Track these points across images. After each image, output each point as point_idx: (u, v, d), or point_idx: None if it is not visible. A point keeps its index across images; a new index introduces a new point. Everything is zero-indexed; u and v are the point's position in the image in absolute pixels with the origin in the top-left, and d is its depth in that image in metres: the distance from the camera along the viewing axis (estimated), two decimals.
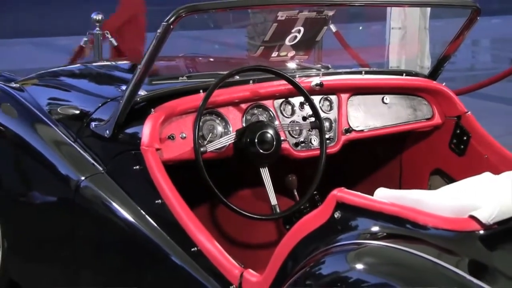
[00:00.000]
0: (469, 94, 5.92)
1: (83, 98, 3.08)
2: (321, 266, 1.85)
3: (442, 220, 1.75)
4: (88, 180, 2.66)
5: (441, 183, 3.08)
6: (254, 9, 6.81)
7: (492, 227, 1.71)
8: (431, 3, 5.06)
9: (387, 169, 3.38)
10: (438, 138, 3.19)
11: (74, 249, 2.77)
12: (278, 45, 2.97)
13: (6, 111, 3.18)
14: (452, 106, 3.15)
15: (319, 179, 2.71)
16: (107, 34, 5.31)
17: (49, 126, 2.98)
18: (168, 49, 2.54)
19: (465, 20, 3.00)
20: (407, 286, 1.65)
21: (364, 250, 1.80)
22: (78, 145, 2.82)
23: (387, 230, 1.82)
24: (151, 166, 2.46)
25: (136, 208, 2.49)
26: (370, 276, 1.74)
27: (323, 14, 2.95)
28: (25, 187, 3.07)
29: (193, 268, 2.28)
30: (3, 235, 3.20)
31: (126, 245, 2.53)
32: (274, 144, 2.66)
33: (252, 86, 2.80)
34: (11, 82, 3.40)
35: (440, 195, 1.84)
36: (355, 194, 1.92)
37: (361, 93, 3.06)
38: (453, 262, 1.66)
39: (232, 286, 2.17)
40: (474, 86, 5.32)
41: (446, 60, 3.23)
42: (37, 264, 3.11)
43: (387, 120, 3.09)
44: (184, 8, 2.38)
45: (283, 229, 3.11)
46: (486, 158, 3.00)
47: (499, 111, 6.43)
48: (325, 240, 1.92)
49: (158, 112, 2.56)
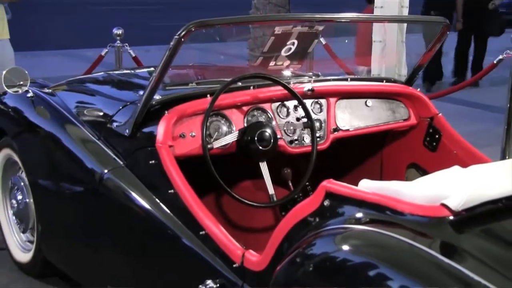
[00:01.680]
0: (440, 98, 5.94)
1: (105, 102, 3.08)
2: (312, 247, 1.84)
3: (417, 208, 1.74)
4: (110, 173, 2.66)
5: (416, 176, 3.08)
6: (254, 25, 6.83)
7: (461, 213, 1.70)
8: (408, 20, 5.06)
9: (370, 163, 3.38)
10: (414, 136, 3.19)
11: (98, 233, 2.76)
12: (275, 55, 2.97)
13: (40, 113, 3.19)
14: (425, 108, 3.15)
15: (311, 172, 2.71)
16: (126, 46, 5.32)
17: (76, 126, 2.98)
18: (180, 59, 2.54)
19: (437, 35, 3.00)
20: (386, 265, 1.64)
21: (349, 234, 1.80)
22: (101, 142, 2.82)
23: (369, 216, 1.82)
24: (165, 161, 2.46)
25: (152, 197, 2.49)
26: (354, 256, 1.74)
27: (314, 29, 2.94)
28: (56, 179, 3.06)
29: (201, 249, 2.28)
30: (38, 220, 3.21)
31: (143, 229, 2.53)
32: (272, 142, 2.65)
33: (253, 91, 2.80)
34: (44, 88, 3.41)
35: (415, 186, 1.84)
36: (342, 185, 1.92)
37: (347, 97, 3.06)
38: (427, 244, 1.65)
39: (235, 264, 2.16)
40: (444, 91, 5.33)
41: (420, 69, 3.24)
42: (65, 245, 3.11)
43: (369, 121, 3.09)
44: (193, 24, 2.38)
45: (279, 215, 3.11)
46: (455, 154, 3.00)
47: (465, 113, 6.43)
48: (315, 225, 1.91)
49: (171, 114, 2.55)
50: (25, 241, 3.49)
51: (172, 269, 2.46)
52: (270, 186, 2.67)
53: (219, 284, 2.17)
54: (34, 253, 3.33)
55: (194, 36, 2.42)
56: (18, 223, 3.50)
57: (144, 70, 3.87)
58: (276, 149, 2.70)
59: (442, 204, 1.71)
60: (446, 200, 1.70)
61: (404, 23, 5.19)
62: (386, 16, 5.05)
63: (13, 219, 3.54)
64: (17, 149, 3.32)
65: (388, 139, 3.29)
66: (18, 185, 3.39)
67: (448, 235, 1.68)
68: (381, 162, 3.35)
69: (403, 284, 1.58)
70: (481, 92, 6.99)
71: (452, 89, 5.45)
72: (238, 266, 2.16)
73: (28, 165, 3.24)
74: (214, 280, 2.17)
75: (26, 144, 3.28)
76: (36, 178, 3.18)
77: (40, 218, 3.20)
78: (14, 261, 3.53)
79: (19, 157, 3.31)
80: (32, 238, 3.39)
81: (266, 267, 2.03)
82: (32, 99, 3.25)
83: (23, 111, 3.28)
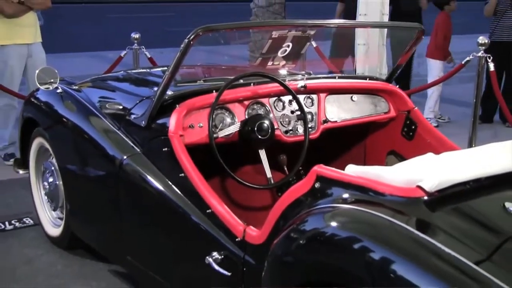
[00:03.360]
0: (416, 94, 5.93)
1: (124, 97, 3.07)
2: (305, 223, 1.83)
3: (396, 189, 1.74)
4: (128, 158, 2.65)
5: (395, 161, 3.07)
6: (254, 30, 6.80)
7: (434, 194, 1.69)
8: (388, 26, 5.05)
9: (355, 150, 3.37)
10: (393, 127, 3.18)
11: (118, 211, 2.76)
12: (272, 56, 2.95)
13: (68, 107, 3.18)
14: (403, 103, 3.14)
15: (303, 158, 2.70)
16: (142, 48, 5.31)
17: (99, 118, 2.97)
18: (189, 60, 2.52)
19: (413, 39, 2.99)
20: (369, 239, 1.64)
21: (337, 212, 1.79)
22: (121, 132, 2.82)
23: (355, 196, 1.81)
24: (176, 148, 2.45)
25: (164, 180, 2.48)
26: (341, 231, 1.74)
27: (306, 33, 2.93)
28: (82, 163, 3.06)
29: (208, 225, 2.27)
30: (66, 200, 3.21)
31: (157, 207, 2.52)
32: (269, 132, 2.64)
33: (253, 88, 2.78)
34: (72, 85, 3.40)
35: (394, 170, 1.83)
36: (331, 169, 1.91)
37: (335, 93, 3.04)
38: (404, 221, 1.65)
39: (238, 238, 2.16)
40: (420, 87, 5.32)
41: (399, 69, 3.23)
42: (90, 221, 3.11)
43: (354, 113, 3.08)
44: (201, 28, 2.37)
45: (276, 196, 3.11)
46: (429, 142, 2.99)
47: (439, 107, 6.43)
48: (307, 204, 1.91)
49: (181, 107, 2.54)
50: (56, 218, 3.50)
51: (182, 242, 2.46)
52: (268, 171, 2.67)
53: (223, 255, 2.17)
54: (63, 228, 3.34)
55: (202, 39, 2.40)
56: (49, 202, 3.50)
57: (158, 69, 3.85)
58: (273, 138, 2.69)
59: (417, 186, 1.70)
60: (421, 182, 1.70)
61: (384, 29, 5.19)
62: (369, 22, 5.04)
63: (45, 198, 3.54)
64: (48, 138, 3.31)
65: (370, 130, 3.28)
66: (49, 169, 3.39)
67: (423, 213, 1.68)
68: (364, 150, 3.34)
69: (384, 255, 1.57)
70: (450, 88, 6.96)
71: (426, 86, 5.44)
72: (240, 240, 2.15)
73: (58, 152, 3.24)
74: (219, 252, 2.18)
75: (56, 134, 3.27)
76: (65, 163, 3.18)
77: (68, 198, 3.20)
78: (46, 235, 3.54)
79: (50, 145, 3.31)
80: (61, 215, 3.39)
81: (265, 241, 2.03)
82: (61, 95, 3.25)
83: (54, 105, 3.27)
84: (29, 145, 3.58)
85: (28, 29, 4.84)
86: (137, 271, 2.76)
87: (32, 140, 3.54)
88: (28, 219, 3.81)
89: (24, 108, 3.63)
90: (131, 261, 2.75)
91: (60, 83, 3.26)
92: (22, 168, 3.74)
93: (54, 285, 3.08)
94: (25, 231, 3.69)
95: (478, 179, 1.78)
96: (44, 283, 3.10)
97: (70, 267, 3.26)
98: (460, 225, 1.65)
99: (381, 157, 3.22)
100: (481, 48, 4.70)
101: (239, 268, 2.12)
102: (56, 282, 3.11)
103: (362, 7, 5.21)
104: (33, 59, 4.89)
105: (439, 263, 1.50)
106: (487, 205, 1.75)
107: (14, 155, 4.73)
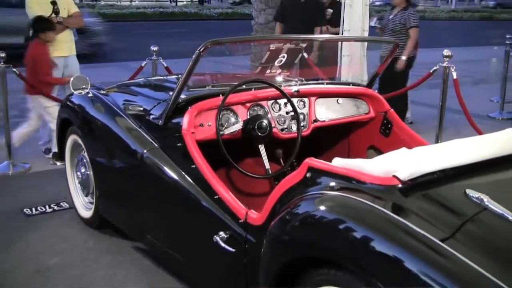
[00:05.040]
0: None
1: (145, 100, 3.05)
2: (298, 207, 1.83)
3: (375, 178, 1.73)
4: (148, 152, 2.64)
5: (374, 155, 3.07)
6: (255, 43, 6.79)
7: (407, 182, 1.69)
8: (367, 40, 5.04)
9: (340, 145, 3.36)
10: (372, 126, 3.17)
11: (139, 197, 2.76)
12: (270, 65, 2.95)
13: (97, 109, 3.17)
14: (381, 105, 3.13)
15: (297, 152, 2.70)
16: (160, 59, 5.31)
17: (123, 118, 2.96)
18: (200, 68, 2.52)
19: (389, 51, 2.98)
20: (352, 220, 1.63)
21: (325, 197, 1.78)
22: (142, 130, 2.81)
23: (340, 184, 1.80)
24: (189, 144, 2.44)
25: (179, 170, 2.48)
26: (328, 214, 1.73)
27: (299, 46, 2.93)
28: (109, 157, 3.05)
29: (215, 209, 2.27)
30: (96, 187, 3.21)
31: (173, 194, 2.51)
32: (268, 129, 2.64)
33: (254, 92, 2.78)
34: (100, 90, 3.39)
35: (374, 162, 1.82)
36: (320, 162, 1.90)
37: (323, 97, 3.04)
38: (382, 205, 1.64)
39: (241, 220, 2.15)
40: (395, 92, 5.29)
41: (377, 76, 3.23)
42: (116, 205, 3.11)
43: (340, 114, 3.07)
44: (210, 42, 2.37)
45: (273, 184, 3.10)
46: (403, 139, 2.99)
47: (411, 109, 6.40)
48: (300, 191, 1.90)
49: (193, 109, 2.54)
50: (87, 202, 3.50)
51: (193, 223, 2.46)
52: (266, 163, 2.67)
53: (228, 234, 2.16)
54: (93, 211, 3.34)
55: (210, 51, 2.40)
56: (82, 189, 3.50)
57: (173, 77, 3.84)
58: (271, 135, 2.69)
59: (393, 175, 1.69)
60: (396, 172, 1.69)
61: (365, 42, 5.18)
62: (352, 37, 5.04)
63: (78, 186, 3.54)
64: (80, 135, 3.31)
65: (353, 128, 3.27)
66: (81, 162, 3.38)
67: (397, 199, 1.67)
68: (348, 145, 3.34)
69: (364, 234, 1.57)
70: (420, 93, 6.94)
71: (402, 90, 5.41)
72: (243, 221, 2.15)
73: (89, 146, 3.23)
74: (225, 232, 2.17)
75: (87, 131, 3.26)
76: (94, 156, 3.17)
77: (97, 185, 3.19)
78: (80, 217, 3.54)
79: (82, 140, 3.30)
80: (92, 200, 3.39)
81: (264, 222, 2.03)
82: (92, 98, 3.24)
83: (85, 107, 3.27)
84: (65, 141, 3.57)
85: (65, 44, 4.86)
86: (155, 247, 2.76)
87: (67, 137, 3.53)
88: (64, 203, 3.81)
89: (61, 110, 3.62)
90: (150, 239, 2.75)
91: (90, 88, 3.26)
92: (59, 161, 3.79)
93: (87, 259, 3.08)
94: (62, 213, 3.69)
95: (444, 170, 1.77)
96: (79, 257, 3.10)
97: (99, 244, 3.26)
98: (429, 209, 1.65)
99: (362, 151, 3.22)
100: (446, 59, 4.69)
101: (242, 245, 2.12)
102: (88, 256, 3.11)
103: (346, 23, 5.22)
104: (69, 69, 4.89)
105: (410, 240, 1.49)
106: (451, 192, 1.75)
107: (52, 149, 4.73)
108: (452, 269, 1.39)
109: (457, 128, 5.75)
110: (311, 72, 4.82)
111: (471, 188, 1.68)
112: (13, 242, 3.26)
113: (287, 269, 1.82)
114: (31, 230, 3.42)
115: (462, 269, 1.39)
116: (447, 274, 1.38)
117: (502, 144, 1.96)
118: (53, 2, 4.68)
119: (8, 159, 4.53)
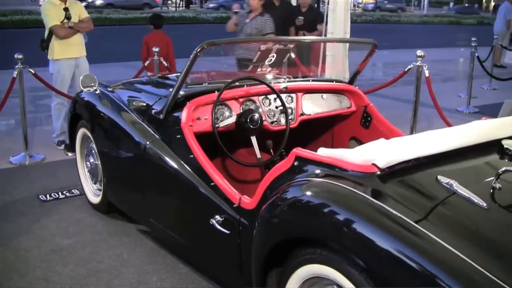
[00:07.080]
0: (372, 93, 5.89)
1: (147, 96, 3.02)
2: (286, 193, 1.81)
3: (356, 166, 1.72)
4: (150, 143, 2.62)
5: (355, 145, 3.06)
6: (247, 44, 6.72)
7: (385, 170, 1.68)
8: (349, 41, 5.00)
9: (325, 136, 3.35)
10: (354, 119, 3.16)
11: (143, 184, 2.74)
12: (261, 64, 2.94)
13: (104, 104, 3.14)
14: (361, 100, 3.12)
15: (285, 142, 2.68)
16: (161, 59, 5.28)
17: (128, 113, 2.93)
18: (197, 67, 2.49)
19: (368, 52, 2.96)
20: (336, 204, 1.62)
21: (311, 184, 1.77)
22: (145, 123, 2.78)
23: (324, 172, 1.79)
24: (187, 135, 2.42)
25: (178, 160, 2.45)
26: (314, 198, 1.71)
27: (286, 47, 2.91)
28: (115, 147, 3.02)
29: (212, 195, 2.25)
30: (103, 175, 3.18)
31: (172, 181, 2.49)
32: (259, 122, 2.63)
33: (246, 88, 2.75)
34: (107, 87, 3.35)
35: (355, 152, 1.81)
36: (307, 151, 1.88)
37: (309, 92, 3.02)
38: (362, 190, 1.63)
39: (235, 205, 2.14)
40: (374, 88, 5.29)
41: (358, 74, 3.20)
42: (122, 191, 3.08)
43: (324, 108, 3.06)
44: (206, 43, 2.35)
45: (264, 172, 3.08)
46: (381, 130, 2.98)
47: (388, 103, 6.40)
48: (288, 178, 1.88)
49: (191, 104, 2.51)
50: (96, 189, 3.46)
51: (192, 208, 2.44)
52: (258, 152, 2.65)
53: (223, 218, 2.15)
54: (101, 197, 3.31)
55: (207, 51, 2.37)
56: (91, 177, 3.47)
57: (173, 75, 3.81)
58: (262, 127, 2.68)
59: (372, 164, 1.68)
60: (375, 161, 1.68)
61: (347, 43, 5.16)
62: (335, 38, 5.03)
63: (88, 174, 3.51)
64: (89, 128, 3.27)
65: (336, 120, 3.26)
66: (90, 152, 3.35)
67: (376, 185, 1.66)
68: (332, 136, 3.32)
69: (346, 217, 1.56)
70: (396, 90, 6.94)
71: (380, 87, 5.40)
72: (236, 206, 2.13)
73: (97, 138, 3.20)
74: (220, 216, 2.16)
75: (95, 125, 3.23)
76: (102, 147, 3.14)
77: (105, 174, 3.16)
78: (89, 202, 3.51)
79: (91, 133, 3.27)
80: (100, 187, 3.36)
81: (255, 207, 2.01)
82: (99, 95, 3.21)
83: (93, 103, 3.23)
84: (75, 134, 3.53)
85: (76, 46, 4.84)
86: (158, 229, 2.74)
87: (77, 130, 3.49)
88: (75, 190, 3.78)
89: (71, 106, 3.58)
90: (153, 222, 2.73)
91: (98, 86, 3.24)
92: (70, 151, 3.75)
93: (96, 240, 3.06)
94: (73, 199, 3.66)
95: (418, 158, 1.76)
96: (89, 238, 3.08)
97: (107, 227, 3.24)
98: (404, 193, 1.63)
99: (345, 142, 3.21)
100: (419, 59, 4.68)
101: (236, 228, 2.10)
102: (97, 238, 3.09)
103: (329, 26, 5.20)
104: (79, 69, 4.86)
105: (388, 222, 1.49)
106: (425, 178, 1.74)
107: (64, 141, 4.70)
108: (423, 247, 1.39)
109: (429, 120, 5.76)
110: (297, 70, 4.81)
111: (442, 175, 1.67)
112: (30, 224, 3.24)
113: (277, 249, 1.80)
114: (46, 214, 3.40)
115: (433, 246, 1.39)
116: (419, 251, 1.38)
117: (469, 135, 1.96)
118: (65, 9, 4.69)
119: (25, 151, 4.50)
